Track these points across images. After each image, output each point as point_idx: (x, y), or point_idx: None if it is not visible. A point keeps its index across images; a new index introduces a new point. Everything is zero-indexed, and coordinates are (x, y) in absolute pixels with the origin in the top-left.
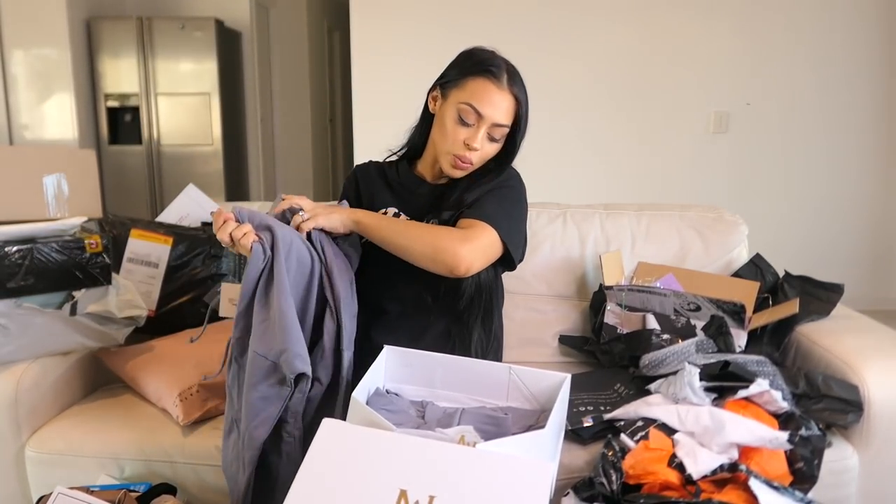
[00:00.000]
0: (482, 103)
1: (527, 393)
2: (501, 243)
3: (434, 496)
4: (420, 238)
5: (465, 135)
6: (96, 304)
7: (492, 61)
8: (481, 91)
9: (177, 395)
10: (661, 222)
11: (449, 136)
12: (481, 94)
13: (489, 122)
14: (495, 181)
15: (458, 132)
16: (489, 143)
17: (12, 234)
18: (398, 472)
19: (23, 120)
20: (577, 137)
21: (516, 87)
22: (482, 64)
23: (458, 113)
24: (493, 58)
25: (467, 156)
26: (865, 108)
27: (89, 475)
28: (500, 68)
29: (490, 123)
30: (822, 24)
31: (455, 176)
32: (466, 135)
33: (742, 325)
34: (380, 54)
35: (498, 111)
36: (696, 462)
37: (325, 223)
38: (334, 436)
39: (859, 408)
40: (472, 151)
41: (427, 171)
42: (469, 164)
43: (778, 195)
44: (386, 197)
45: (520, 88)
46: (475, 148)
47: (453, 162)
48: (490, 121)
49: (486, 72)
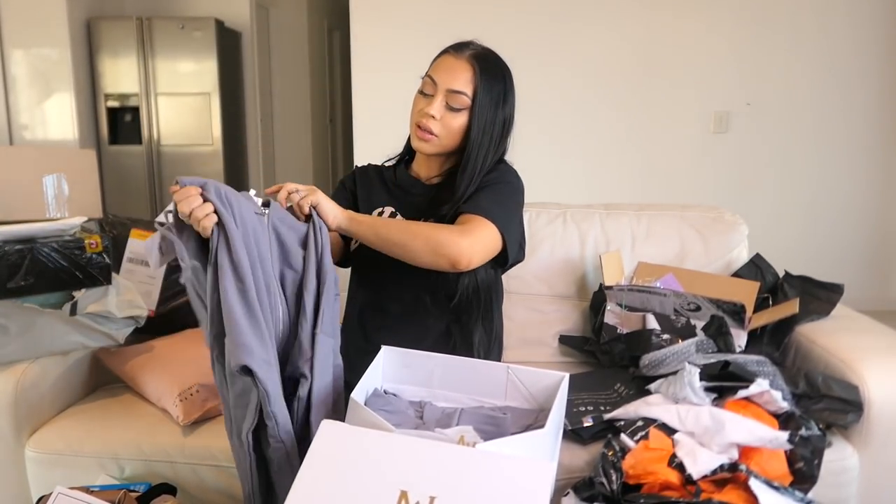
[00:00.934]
0: (438, 71)
1: (525, 392)
2: (501, 237)
3: (435, 497)
4: (419, 234)
5: (423, 103)
6: (96, 304)
7: (460, 42)
8: (440, 62)
9: (177, 395)
10: (661, 222)
11: (413, 108)
12: (439, 65)
13: (444, 89)
14: (492, 176)
15: (419, 102)
16: (449, 112)
17: (12, 234)
18: (399, 472)
19: (23, 120)
20: (578, 137)
21: (478, 61)
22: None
23: (421, 87)
24: (463, 42)
25: (425, 122)
26: (865, 107)
27: (89, 475)
28: (466, 46)
29: (445, 89)
30: (822, 25)
31: (422, 150)
32: (424, 103)
33: (742, 325)
34: (380, 54)
35: (451, 76)
36: (696, 462)
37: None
38: (334, 437)
39: (859, 408)
40: (431, 119)
41: (421, 170)
42: (430, 134)
43: (778, 195)
44: (382, 197)
45: (484, 63)
46: (432, 115)
47: (416, 132)
48: (444, 86)
49: (450, 48)
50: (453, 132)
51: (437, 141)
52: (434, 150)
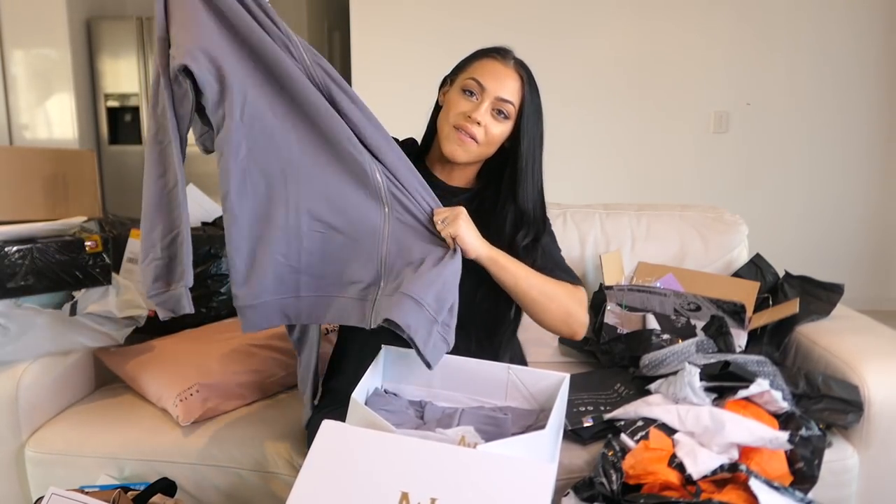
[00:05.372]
0: (486, 76)
1: (525, 393)
2: None
3: (436, 498)
4: (556, 299)
5: (468, 107)
6: (96, 304)
7: (501, 48)
8: (486, 66)
9: (177, 395)
10: (661, 222)
11: (452, 108)
12: (485, 69)
13: (493, 96)
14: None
15: (461, 104)
16: (493, 120)
17: (12, 234)
18: (399, 474)
19: (23, 120)
20: (578, 137)
21: (523, 70)
22: (491, 49)
23: (462, 87)
24: (503, 48)
25: (469, 127)
26: (866, 107)
27: (89, 475)
28: (508, 53)
29: (494, 97)
30: (822, 24)
31: (455, 156)
32: (469, 107)
33: (742, 325)
34: (380, 55)
35: (502, 86)
36: (696, 462)
37: (464, 234)
38: (335, 438)
39: (859, 408)
40: (475, 125)
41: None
42: (471, 139)
43: (778, 195)
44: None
45: (528, 75)
46: (477, 121)
47: (455, 136)
48: (494, 94)
49: (492, 52)
50: (493, 141)
51: (475, 148)
52: (468, 158)
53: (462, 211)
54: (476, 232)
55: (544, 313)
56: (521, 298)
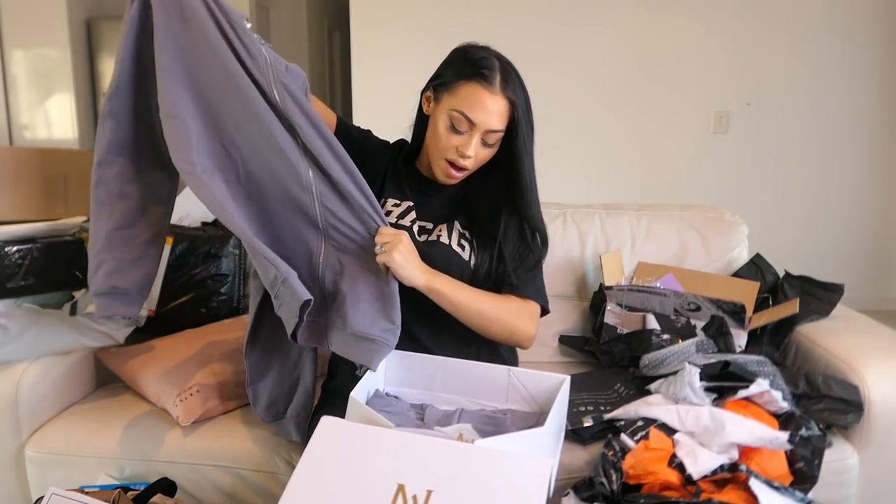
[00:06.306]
0: (473, 110)
1: (526, 395)
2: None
3: (432, 490)
4: (499, 320)
5: (458, 142)
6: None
7: (484, 63)
8: (472, 97)
9: (177, 396)
10: (661, 222)
11: (441, 142)
12: (472, 101)
13: (482, 130)
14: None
15: (450, 139)
16: (483, 148)
17: (12, 234)
18: (396, 467)
19: (23, 120)
20: (577, 137)
21: (510, 89)
22: (474, 66)
23: (450, 120)
24: (485, 58)
25: (461, 162)
26: (865, 107)
27: (89, 475)
28: (493, 70)
29: (483, 130)
30: (822, 25)
31: (448, 183)
32: (459, 142)
33: (742, 325)
34: (380, 54)
35: (490, 117)
36: (697, 462)
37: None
38: (332, 432)
39: (859, 408)
40: (467, 159)
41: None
42: (463, 171)
43: (778, 195)
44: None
45: (514, 89)
46: (468, 155)
47: (446, 170)
48: (483, 128)
49: (477, 76)
50: (482, 163)
51: (466, 174)
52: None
53: (403, 238)
54: (415, 260)
55: (487, 331)
56: (463, 320)
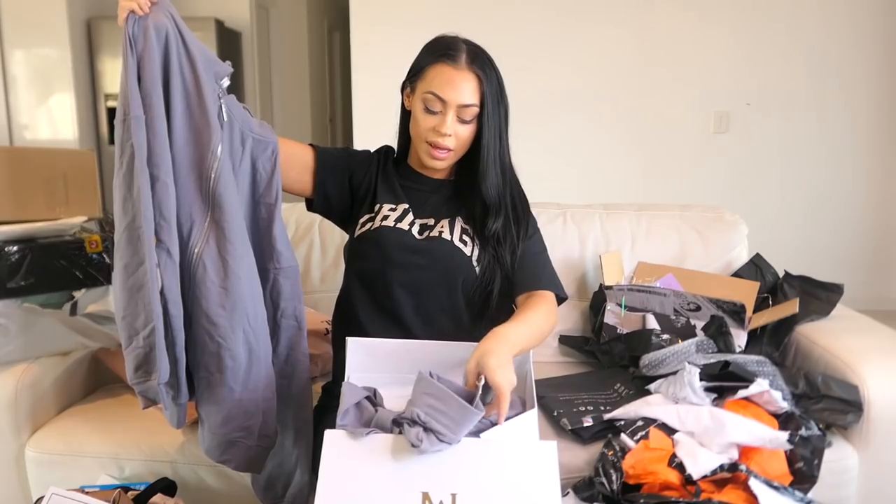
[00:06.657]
0: (443, 88)
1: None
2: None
3: (456, 493)
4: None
5: (434, 122)
6: (96, 304)
7: (450, 45)
8: (441, 76)
9: None
10: (661, 222)
11: (420, 125)
12: (441, 80)
13: (454, 105)
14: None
15: (427, 121)
16: (461, 125)
17: (12, 234)
18: (418, 475)
19: (23, 120)
20: (577, 137)
21: (477, 65)
22: (440, 50)
23: (423, 104)
24: (452, 42)
25: (441, 142)
26: (865, 107)
27: (89, 475)
28: (459, 50)
29: (456, 106)
30: (821, 25)
31: (435, 167)
32: (435, 122)
33: (742, 325)
34: (380, 54)
35: (459, 92)
36: (696, 462)
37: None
38: (341, 447)
39: (859, 408)
40: (445, 137)
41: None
42: (446, 151)
43: (778, 195)
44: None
45: (482, 65)
46: (446, 133)
47: (429, 151)
48: (454, 103)
49: (443, 56)
50: (465, 142)
51: (451, 155)
52: (449, 164)
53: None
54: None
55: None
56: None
